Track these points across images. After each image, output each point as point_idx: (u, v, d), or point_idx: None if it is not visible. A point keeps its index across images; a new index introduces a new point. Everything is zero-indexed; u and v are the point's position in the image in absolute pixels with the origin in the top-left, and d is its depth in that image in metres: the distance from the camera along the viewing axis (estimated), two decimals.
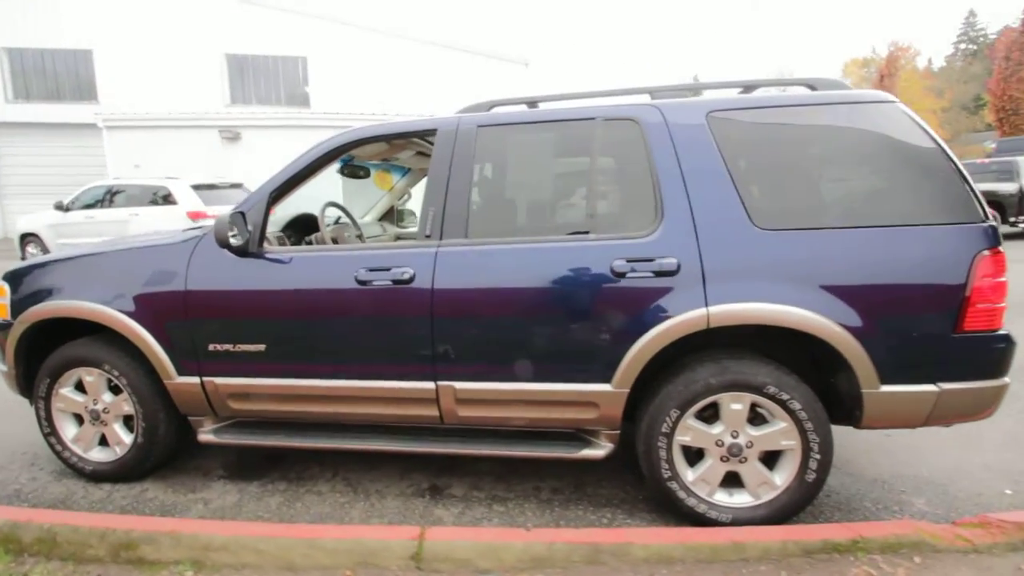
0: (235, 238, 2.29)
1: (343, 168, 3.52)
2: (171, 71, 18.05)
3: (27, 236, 10.17)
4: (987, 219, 1.99)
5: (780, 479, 2.12)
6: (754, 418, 2.12)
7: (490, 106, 2.52)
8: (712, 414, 2.14)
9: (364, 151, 3.30)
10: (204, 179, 9.83)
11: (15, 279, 2.65)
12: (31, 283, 2.61)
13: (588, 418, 2.21)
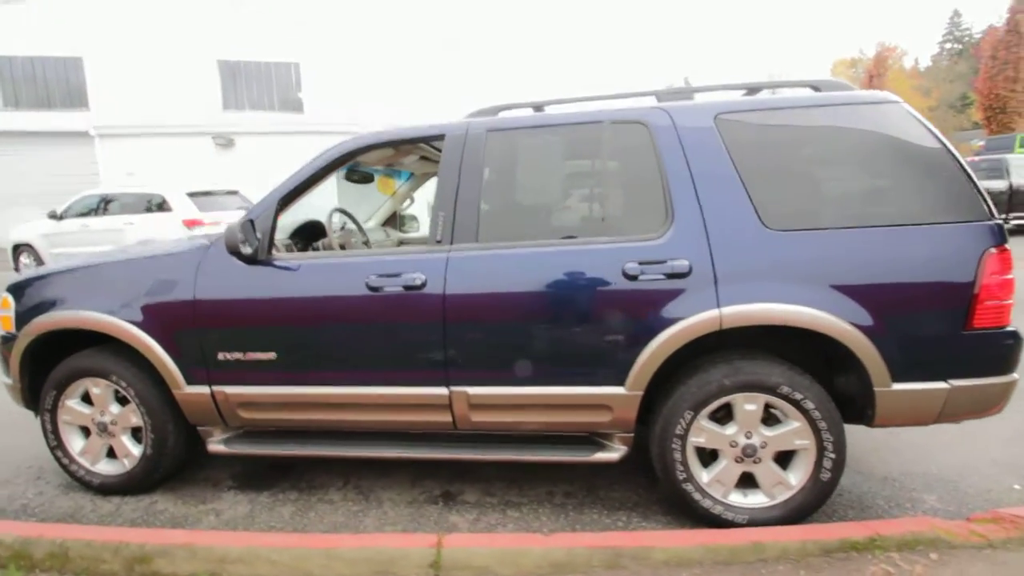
0: (245, 246, 2.28)
1: (348, 174, 3.51)
2: (162, 78, 17.88)
3: (20, 246, 10.03)
4: (993, 217, 2.02)
5: (795, 479, 2.13)
6: (768, 418, 2.12)
7: (497, 110, 2.54)
8: (726, 415, 2.15)
9: (369, 156, 3.29)
10: (200, 186, 9.72)
11: (19, 290, 2.62)
12: (35, 294, 2.58)
13: (602, 421, 2.22)
